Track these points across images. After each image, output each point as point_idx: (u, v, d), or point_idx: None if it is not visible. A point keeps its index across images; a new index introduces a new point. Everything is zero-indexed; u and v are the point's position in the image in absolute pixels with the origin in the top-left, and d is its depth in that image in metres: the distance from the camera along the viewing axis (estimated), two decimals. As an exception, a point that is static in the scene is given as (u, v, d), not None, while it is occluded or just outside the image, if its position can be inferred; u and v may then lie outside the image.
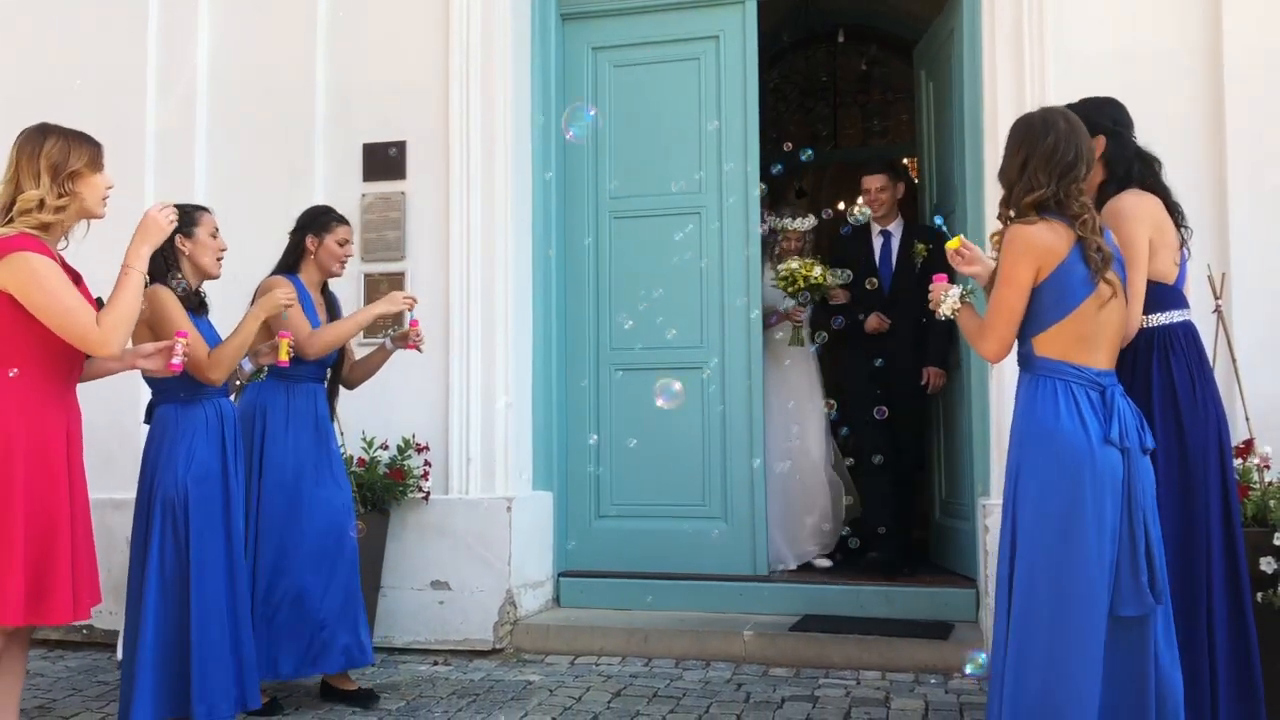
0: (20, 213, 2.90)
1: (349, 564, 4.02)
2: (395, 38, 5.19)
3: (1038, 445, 2.70)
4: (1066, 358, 2.72)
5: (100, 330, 2.90)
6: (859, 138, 9.04)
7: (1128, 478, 2.66)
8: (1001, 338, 2.78)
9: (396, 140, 5.14)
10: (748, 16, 5.27)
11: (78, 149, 3.00)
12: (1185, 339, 3.08)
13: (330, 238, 4.13)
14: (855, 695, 4.09)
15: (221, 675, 3.51)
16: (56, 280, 2.89)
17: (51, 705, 4.15)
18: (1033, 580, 2.67)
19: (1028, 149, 2.76)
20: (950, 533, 5.40)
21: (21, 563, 2.81)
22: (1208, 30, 4.32)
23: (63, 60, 5.40)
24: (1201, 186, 4.21)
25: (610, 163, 5.37)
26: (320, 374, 4.15)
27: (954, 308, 2.91)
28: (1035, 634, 2.64)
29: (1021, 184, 2.75)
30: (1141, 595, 2.65)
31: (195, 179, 5.23)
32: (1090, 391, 2.71)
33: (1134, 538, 2.65)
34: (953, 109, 5.23)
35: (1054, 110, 2.86)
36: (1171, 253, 3.05)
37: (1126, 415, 2.70)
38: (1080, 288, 2.71)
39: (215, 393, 3.66)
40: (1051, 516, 2.66)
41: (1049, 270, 2.70)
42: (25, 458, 2.86)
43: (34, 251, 2.87)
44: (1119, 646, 2.66)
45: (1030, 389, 2.77)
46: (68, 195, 2.96)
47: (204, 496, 3.53)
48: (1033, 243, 2.69)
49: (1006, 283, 2.73)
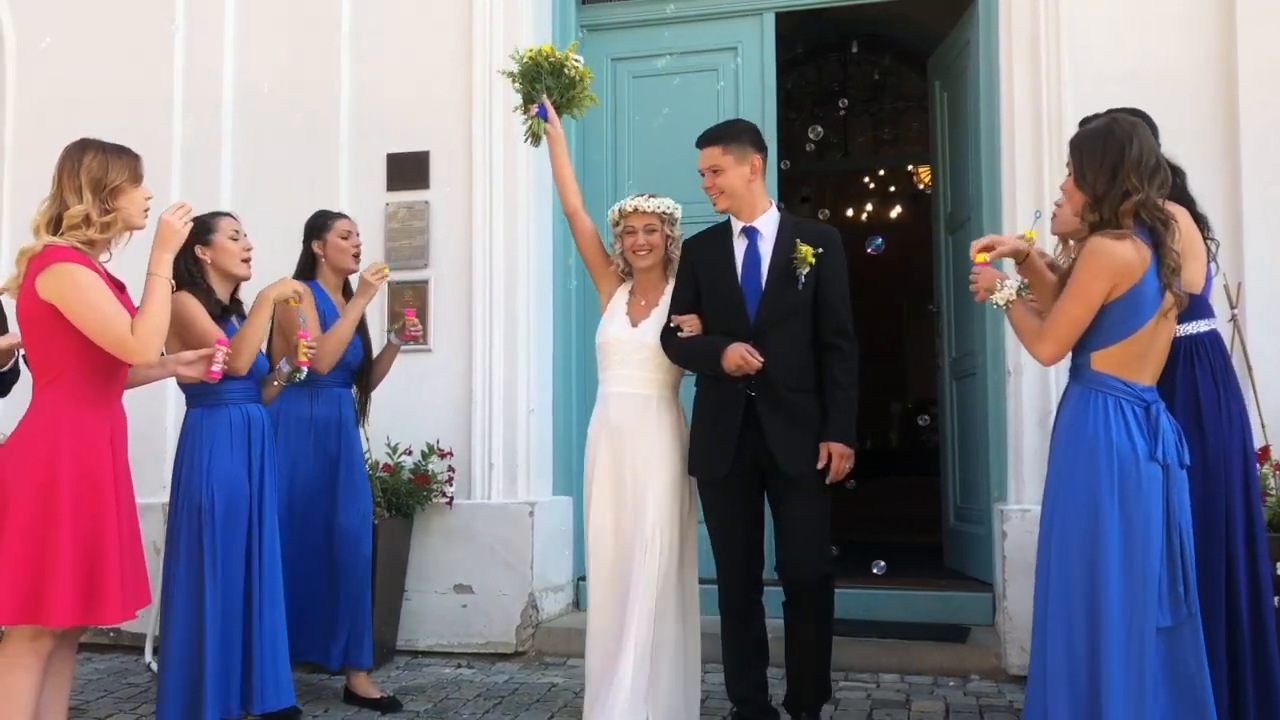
0: (69, 228, 2.96)
1: (358, 572, 4.08)
2: (419, 49, 5.27)
3: (1088, 459, 2.72)
4: (1121, 374, 2.75)
5: (136, 339, 2.94)
6: (870, 146, 9.12)
7: (1167, 493, 2.71)
8: (1062, 347, 2.80)
9: (420, 150, 5.22)
10: (766, 28, 5.35)
11: (116, 163, 3.04)
12: (1212, 348, 3.14)
13: (331, 235, 4.18)
14: (876, 697, 4.15)
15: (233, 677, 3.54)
16: (97, 291, 2.94)
17: (85, 707, 4.21)
18: (1078, 592, 2.70)
19: (1114, 156, 2.73)
20: (965, 538, 5.46)
21: (70, 566, 2.86)
22: (1223, 45, 4.40)
23: (94, 73, 5.47)
24: (1216, 199, 4.26)
25: (630, 172, 5.44)
26: (344, 379, 4.18)
27: (1008, 299, 2.88)
28: (1077, 643, 2.69)
29: (1115, 191, 2.72)
30: (1178, 606, 2.70)
31: (221, 189, 5.30)
32: (1137, 408, 2.75)
33: (1172, 550, 2.70)
34: (968, 120, 5.30)
35: (1124, 117, 2.85)
36: (1200, 262, 3.08)
37: (1167, 432, 2.74)
38: (1148, 307, 2.73)
39: (243, 397, 3.68)
40: (1099, 530, 2.69)
41: (1122, 290, 2.70)
42: (70, 464, 2.92)
43: (75, 263, 2.93)
44: (1162, 659, 2.70)
45: (1081, 401, 2.78)
46: (111, 210, 3.01)
47: (225, 500, 3.56)
48: (1116, 261, 2.68)
49: (1079, 296, 2.72)
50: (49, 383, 2.99)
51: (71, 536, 2.88)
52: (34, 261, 2.93)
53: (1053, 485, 2.81)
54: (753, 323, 3.52)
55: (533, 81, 3.81)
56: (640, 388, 3.64)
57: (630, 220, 3.67)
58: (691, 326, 3.56)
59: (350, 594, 4.05)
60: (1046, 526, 2.79)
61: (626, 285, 3.78)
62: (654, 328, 3.66)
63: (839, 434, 3.49)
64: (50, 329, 2.95)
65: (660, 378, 3.66)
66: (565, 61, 3.81)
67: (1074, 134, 2.96)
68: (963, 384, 5.59)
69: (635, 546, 3.50)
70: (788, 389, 3.49)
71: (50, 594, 2.85)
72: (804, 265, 3.48)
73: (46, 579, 2.85)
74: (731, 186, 3.58)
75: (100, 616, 2.92)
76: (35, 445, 2.92)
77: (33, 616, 2.85)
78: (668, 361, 3.65)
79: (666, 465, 3.59)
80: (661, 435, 3.61)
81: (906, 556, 5.94)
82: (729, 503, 3.57)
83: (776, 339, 3.48)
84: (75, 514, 2.89)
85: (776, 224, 3.62)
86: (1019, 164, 4.59)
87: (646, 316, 3.70)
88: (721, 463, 3.52)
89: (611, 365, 3.68)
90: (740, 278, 3.57)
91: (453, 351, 5.11)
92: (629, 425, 3.60)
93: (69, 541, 2.87)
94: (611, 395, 3.66)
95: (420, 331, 4.31)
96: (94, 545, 2.91)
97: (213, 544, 3.52)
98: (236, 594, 3.57)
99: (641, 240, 3.66)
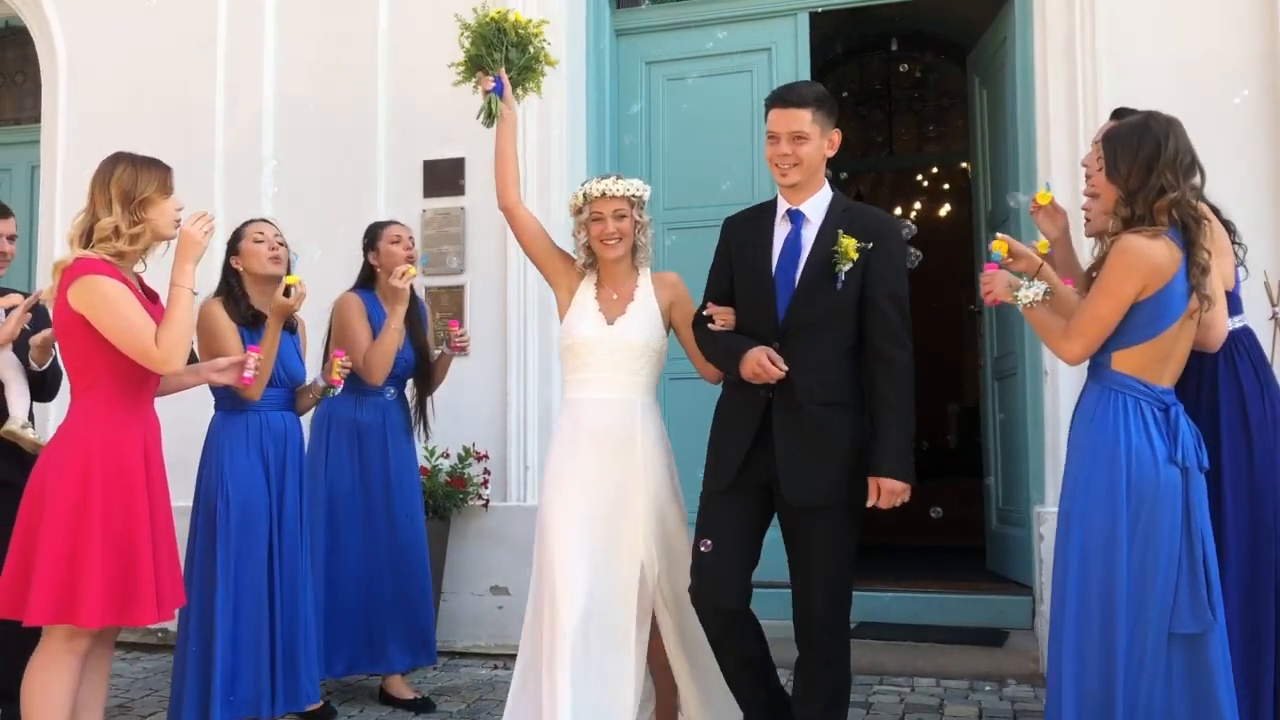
0: (99, 240, 3.04)
1: (408, 574, 4.14)
2: (452, 57, 5.29)
3: (1107, 460, 2.67)
4: (1141, 375, 2.70)
5: (160, 349, 3.00)
6: (914, 144, 9.03)
7: (1186, 496, 2.66)
8: (1090, 346, 2.72)
9: (455, 157, 5.27)
10: (800, 29, 5.32)
11: (145, 175, 3.10)
12: (1248, 342, 3.08)
13: (383, 243, 4.22)
14: (909, 702, 4.12)
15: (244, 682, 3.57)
16: (124, 302, 3.01)
17: (130, 705, 4.33)
18: (1093, 593, 2.65)
19: (1150, 151, 2.68)
20: (1007, 540, 5.39)
21: (101, 568, 2.94)
22: (1265, 35, 4.30)
23: (138, 84, 5.62)
24: (1260, 191, 4.21)
25: (663, 175, 5.43)
26: (393, 386, 4.21)
27: (1033, 300, 2.78)
28: (1091, 646, 2.65)
29: (1150, 187, 2.67)
30: (1200, 611, 2.64)
31: (262, 197, 5.39)
32: (1156, 410, 2.70)
33: (1193, 555, 2.65)
34: (1007, 117, 5.23)
35: (1160, 114, 2.78)
36: (1229, 258, 3.02)
37: (1186, 435, 2.69)
38: (1176, 308, 2.68)
39: (265, 405, 3.72)
40: (1114, 532, 2.64)
41: (1152, 290, 2.65)
42: (103, 469, 3.00)
43: (103, 275, 3.01)
44: (1183, 666, 2.66)
45: (1100, 401, 2.73)
46: (140, 222, 3.07)
47: (240, 504, 3.61)
48: (1147, 260, 2.63)
49: (1109, 294, 2.66)
50: (84, 390, 3.07)
51: (103, 539, 2.95)
52: (66, 273, 3.02)
53: (1070, 486, 2.75)
54: (780, 323, 3.00)
55: (490, 48, 3.38)
56: (622, 393, 3.21)
57: (597, 206, 3.24)
58: (724, 320, 3.11)
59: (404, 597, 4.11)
60: (1064, 528, 2.72)
61: (590, 278, 3.35)
62: (636, 324, 3.25)
63: (889, 466, 2.90)
64: (82, 338, 3.03)
65: (643, 381, 3.25)
66: (534, 38, 3.40)
67: (1105, 128, 2.91)
68: (1004, 384, 5.51)
69: (618, 576, 3.12)
70: (812, 401, 2.95)
71: (83, 595, 2.93)
72: (845, 261, 2.94)
73: (80, 580, 2.93)
74: (811, 160, 3.04)
75: (133, 618, 2.99)
76: (70, 451, 3.01)
77: (67, 616, 2.93)
78: (650, 363, 3.26)
79: (660, 482, 3.21)
80: (649, 448, 3.20)
81: (948, 558, 5.90)
82: (718, 517, 3.07)
83: (805, 344, 2.97)
84: (107, 517, 2.96)
85: (825, 208, 3.08)
86: (1055, 161, 4.53)
87: (623, 312, 3.27)
88: (725, 473, 3.06)
89: (584, 368, 3.24)
90: (775, 269, 3.05)
91: (489, 355, 5.15)
92: (613, 436, 3.18)
93: (100, 544, 2.94)
94: (587, 402, 3.22)
95: (466, 341, 4.31)
96: (126, 547, 2.99)
97: (226, 547, 3.58)
98: (255, 597, 3.61)
99: (611, 228, 3.23)
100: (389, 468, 4.16)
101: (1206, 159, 3.17)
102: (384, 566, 4.11)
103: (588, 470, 3.17)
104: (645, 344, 3.25)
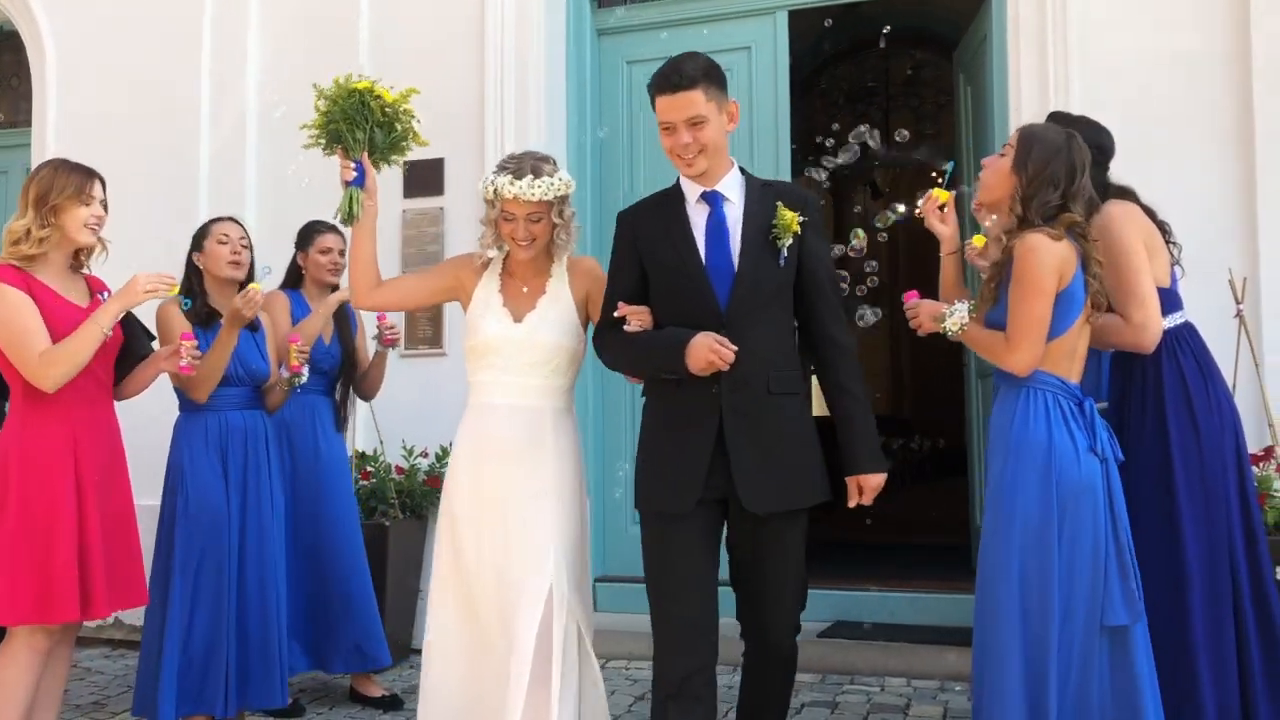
0: (10, 243, 3.09)
1: (351, 571, 4.12)
2: (433, 57, 5.35)
3: (1030, 458, 2.69)
4: (1056, 371, 2.74)
5: (39, 362, 3.02)
6: (913, 141, 8.98)
7: (1107, 486, 2.69)
8: (1036, 349, 2.71)
9: (435, 157, 5.28)
10: (778, 27, 5.33)
11: (62, 180, 3.13)
12: (1189, 336, 3.09)
13: (313, 249, 4.23)
14: (875, 701, 4.11)
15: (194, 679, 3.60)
16: (16, 310, 3.03)
17: (105, 701, 4.38)
18: (1033, 590, 2.66)
19: (1065, 177, 2.73)
20: (988, 540, 5.37)
21: (12, 569, 3.00)
22: (1235, 34, 4.26)
23: (127, 89, 5.68)
24: (1229, 189, 4.18)
25: (644, 175, 5.44)
26: (321, 385, 4.18)
27: (962, 323, 2.80)
28: (1013, 640, 2.65)
29: (1050, 203, 2.72)
30: (1131, 602, 2.65)
31: (246, 197, 5.45)
32: (1073, 404, 2.74)
33: (1119, 545, 2.67)
34: (988, 114, 5.22)
35: (1077, 140, 2.82)
36: (1164, 256, 3.05)
37: (1101, 428, 2.74)
38: (1078, 305, 2.74)
39: (225, 404, 3.73)
40: (1047, 528, 2.65)
41: (1064, 284, 2.70)
42: (19, 471, 3.05)
43: (4, 282, 3.05)
44: (1108, 661, 2.67)
45: (1019, 401, 2.75)
46: (49, 226, 3.11)
47: (197, 504, 3.63)
48: (1056, 254, 2.67)
49: (1037, 293, 2.67)
50: (12, 395, 3.15)
51: (15, 539, 3.02)
52: None
53: (999, 485, 2.74)
54: (724, 309, 2.73)
55: (352, 125, 2.95)
56: (532, 398, 2.94)
57: (509, 207, 2.92)
58: (640, 320, 2.81)
59: (341, 597, 4.08)
60: (999, 527, 2.71)
61: (494, 269, 3.04)
62: (547, 322, 2.96)
63: (870, 461, 2.75)
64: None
65: (556, 384, 2.97)
66: (401, 117, 3.00)
67: (1028, 125, 2.92)
68: (986, 383, 5.49)
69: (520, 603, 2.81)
70: (769, 393, 2.71)
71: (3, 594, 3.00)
72: (787, 235, 2.72)
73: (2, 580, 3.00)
74: (715, 142, 2.76)
75: (52, 616, 3.03)
76: None
77: None
78: (564, 364, 2.98)
79: (568, 501, 2.92)
80: (561, 461, 2.93)
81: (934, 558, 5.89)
82: (687, 547, 2.71)
83: (753, 329, 2.71)
84: (23, 517, 3.02)
85: (742, 186, 2.83)
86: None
87: (532, 308, 2.97)
88: (689, 491, 2.70)
89: (489, 369, 2.95)
90: (704, 255, 2.78)
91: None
92: (519, 447, 2.90)
93: (11, 544, 3.01)
94: (491, 408, 2.95)
95: (397, 335, 4.25)
96: (43, 547, 3.03)
97: (185, 546, 3.61)
98: (211, 596, 3.63)
99: (522, 232, 2.92)
100: (321, 464, 4.13)
101: (1175, 157, 3.19)
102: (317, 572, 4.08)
103: (491, 485, 2.90)
104: (557, 344, 2.96)
